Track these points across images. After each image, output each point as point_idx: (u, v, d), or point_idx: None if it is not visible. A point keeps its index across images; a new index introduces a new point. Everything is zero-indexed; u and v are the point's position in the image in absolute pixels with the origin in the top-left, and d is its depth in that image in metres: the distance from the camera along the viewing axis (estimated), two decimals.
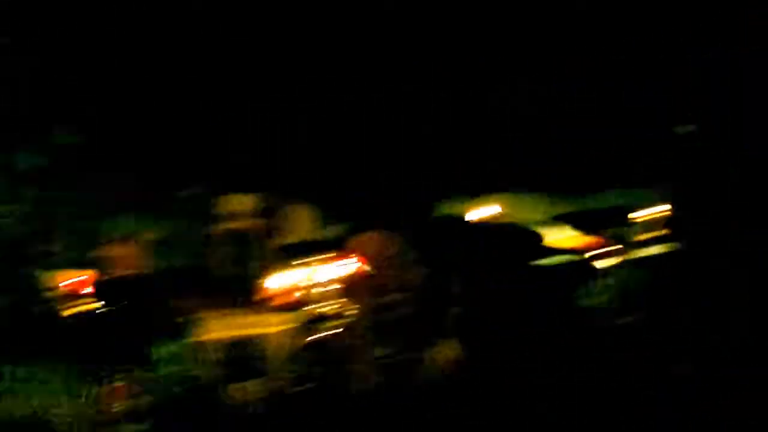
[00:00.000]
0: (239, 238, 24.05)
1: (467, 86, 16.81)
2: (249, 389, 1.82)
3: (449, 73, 16.37)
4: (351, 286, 2.29)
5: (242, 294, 18.49)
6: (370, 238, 2.30)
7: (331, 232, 16.90)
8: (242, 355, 1.92)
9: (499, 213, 15.82)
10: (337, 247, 14.56)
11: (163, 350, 1.79)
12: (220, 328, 12.06)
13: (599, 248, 11.15)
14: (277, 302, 14.31)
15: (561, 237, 13.13)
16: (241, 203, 25.05)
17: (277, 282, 14.74)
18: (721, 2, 12.90)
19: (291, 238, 23.33)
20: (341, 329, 2.31)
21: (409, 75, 16.49)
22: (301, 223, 23.92)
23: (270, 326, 11.67)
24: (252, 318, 14.01)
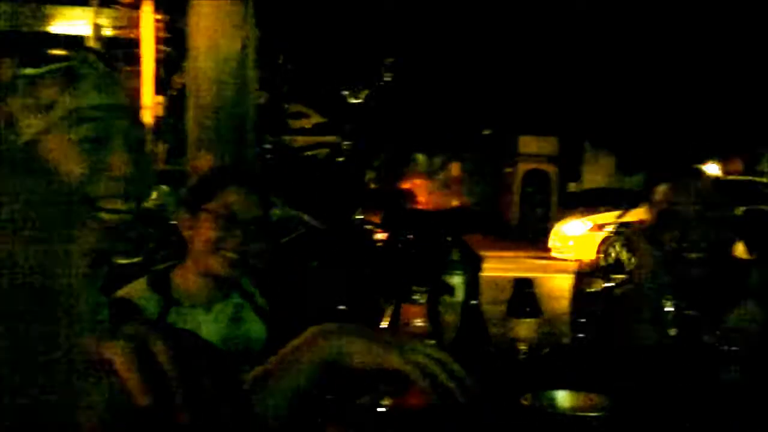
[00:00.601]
0: (536, 180, 23.97)
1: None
2: (526, 328, 1.86)
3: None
4: (641, 238, 2.20)
5: (533, 235, 18.58)
6: (671, 189, 2.19)
7: (628, 181, 16.22)
8: (525, 294, 1.96)
9: None
10: (634, 197, 14.08)
11: (456, 279, 1.89)
12: (506, 267, 12.28)
13: None
14: (565, 248, 14.18)
15: None
16: (540, 145, 24.98)
17: (570, 228, 14.59)
18: None
19: (588, 185, 22.90)
20: (628, 281, 2.25)
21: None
22: (599, 170, 23.31)
23: (559, 271, 11.63)
24: (542, 261, 14.03)
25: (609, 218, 13.83)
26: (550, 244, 14.47)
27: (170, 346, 0.72)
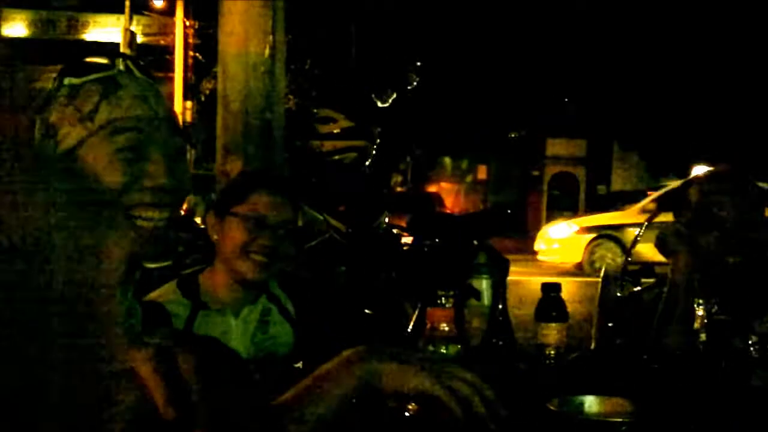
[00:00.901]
0: (563, 182, 23.81)
1: None
2: (554, 332, 1.84)
3: None
4: (676, 239, 2.17)
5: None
6: (707, 189, 2.16)
7: (658, 183, 16.06)
8: (552, 298, 1.94)
9: None
10: (665, 197, 13.92)
11: (483, 283, 1.87)
12: (533, 270, 12.21)
13: None
14: (550, 250, 13.97)
15: None
16: (567, 147, 24.84)
17: (555, 230, 14.39)
18: None
19: (617, 187, 22.72)
20: (657, 285, 2.22)
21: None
22: (628, 172, 23.11)
23: (586, 274, 11.54)
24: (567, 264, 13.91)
25: (595, 221, 13.66)
26: (536, 246, 14.27)
27: (195, 358, 0.72)
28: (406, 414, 1.18)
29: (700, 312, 1.96)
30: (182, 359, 0.72)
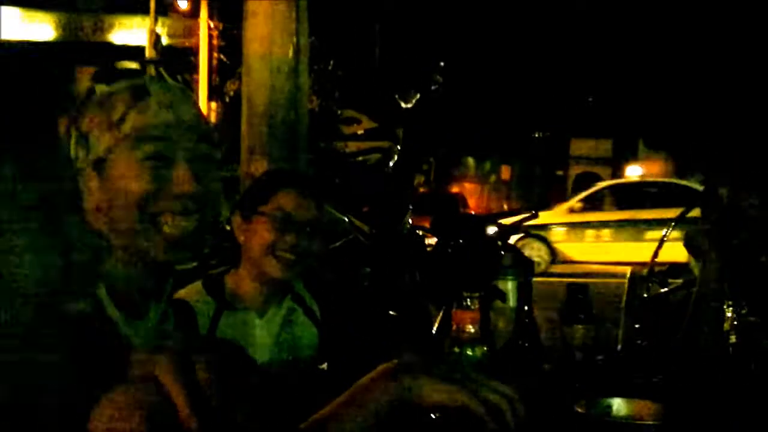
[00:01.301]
0: (588, 182, 23.65)
1: None
2: (580, 334, 1.82)
3: None
4: (705, 239, 2.14)
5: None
6: (735, 188, 2.12)
7: (685, 181, 15.90)
8: (579, 300, 1.92)
9: None
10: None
11: (509, 284, 1.85)
12: (558, 271, 12.14)
13: None
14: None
15: None
16: (592, 147, 24.69)
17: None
18: None
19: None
20: (686, 286, 2.18)
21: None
22: (654, 171, 22.91)
23: (612, 275, 11.46)
24: (595, 265, 13.84)
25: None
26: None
27: (213, 367, 0.72)
28: (442, 428, 1.17)
29: (729, 313, 1.93)
30: (200, 368, 0.71)
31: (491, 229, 3.24)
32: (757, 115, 16.68)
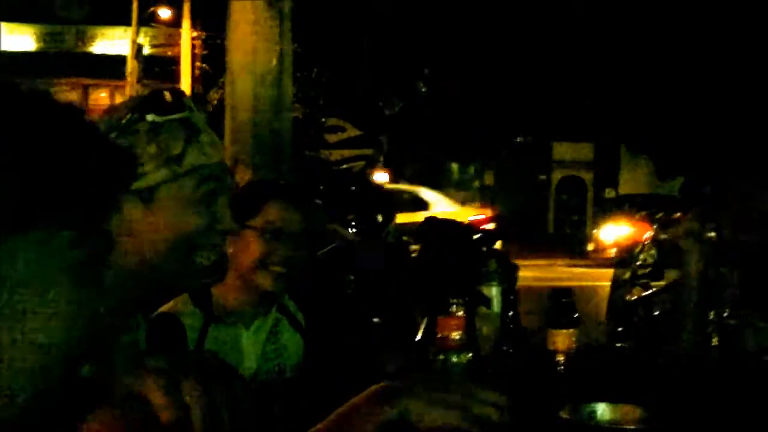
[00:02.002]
0: (571, 186, 23.76)
1: None
2: (566, 337, 1.83)
3: None
4: (689, 238, 2.14)
5: (572, 243, 18.41)
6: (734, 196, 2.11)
7: (667, 186, 16.01)
8: (563, 304, 1.93)
9: None
10: (674, 201, 13.89)
11: (493, 290, 1.85)
12: (543, 276, 12.19)
13: None
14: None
15: None
16: (575, 151, 24.78)
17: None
18: None
19: (625, 191, 22.65)
20: (670, 288, 2.19)
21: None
22: (636, 175, 23.04)
23: (595, 279, 11.52)
24: (578, 269, 13.91)
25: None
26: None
27: (201, 383, 0.72)
28: None
29: (711, 317, 1.95)
30: (187, 384, 0.71)
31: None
32: (736, 120, 16.82)
